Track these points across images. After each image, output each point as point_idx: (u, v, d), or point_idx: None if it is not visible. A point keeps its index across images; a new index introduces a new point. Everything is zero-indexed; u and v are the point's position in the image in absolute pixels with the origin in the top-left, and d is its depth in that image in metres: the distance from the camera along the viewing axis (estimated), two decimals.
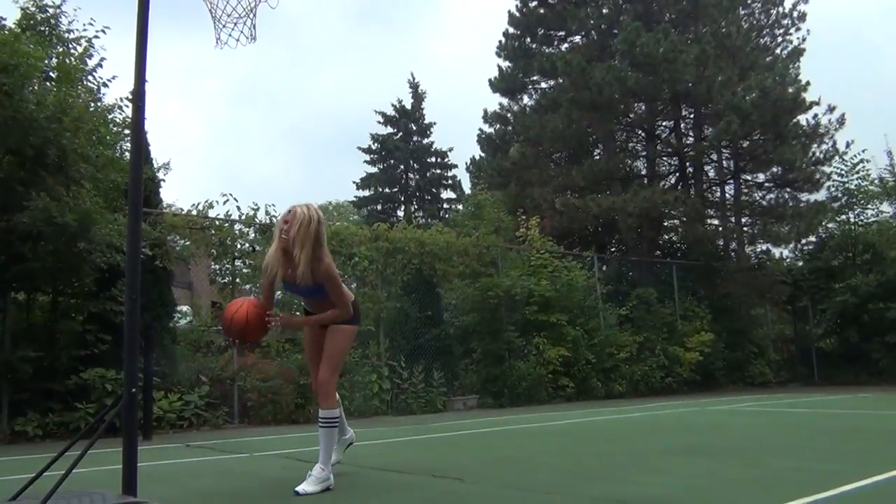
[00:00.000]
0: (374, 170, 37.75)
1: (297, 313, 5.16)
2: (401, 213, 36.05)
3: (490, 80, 22.30)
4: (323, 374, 4.50)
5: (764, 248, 20.93)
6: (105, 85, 10.11)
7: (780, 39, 21.64)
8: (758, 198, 21.09)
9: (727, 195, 21.74)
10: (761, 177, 20.83)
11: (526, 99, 22.69)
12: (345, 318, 4.57)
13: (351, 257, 12.18)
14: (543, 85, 21.98)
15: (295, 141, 75.67)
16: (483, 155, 23.88)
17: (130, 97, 8.71)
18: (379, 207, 37.21)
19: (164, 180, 11.07)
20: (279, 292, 5.04)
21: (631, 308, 16.71)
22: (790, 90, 18.68)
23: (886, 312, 17.73)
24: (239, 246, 11.59)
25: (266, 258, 4.63)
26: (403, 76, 60.66)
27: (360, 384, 11.64)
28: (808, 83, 19.11)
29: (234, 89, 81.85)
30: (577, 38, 21.51)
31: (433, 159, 38.06)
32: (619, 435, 7.97)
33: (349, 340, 4.72)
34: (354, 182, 37.47)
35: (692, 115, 21.26)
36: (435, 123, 38.29)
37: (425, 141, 38.06)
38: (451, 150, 37.93)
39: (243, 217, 11.60)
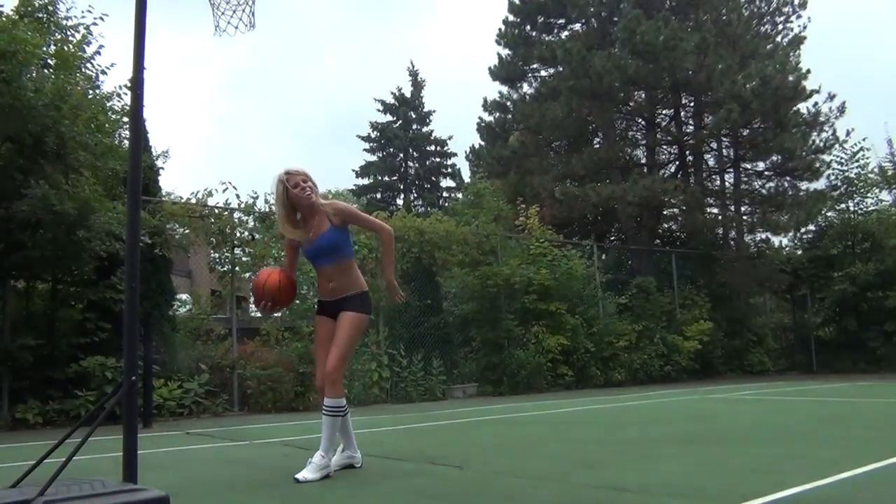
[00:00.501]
0: (373, 158, 37.75)
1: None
2: (400, 202, 36.08)
3: (490, 69, 22.23)
4: (332, 361, 4.43)
5: (763, 236, 20.98)
6: (103, 72, 10.10)
7: (780, 27, 21.54)
8: (757, 186, 21.07)
9: (727, 184, 21.71)
10: (761, 165, 20.80)
11: (525, 87, 22.63)
12: (388, 232, 4.77)
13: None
14: (543, 73, 21.90)
15: (294, 129, 75.50)
16: (482, 143, 23.83)
17: (129, 85, 8.70)
18: (378, 196, 37.23)
19: (163, 168, 11.08)
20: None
21: (630, 297, 16.74)
22: (790, 78, 18.63)
23: (885, 301, 17.77)
24: (238, 234, 11.58)
25: (283, 228, 4.70)
26: (403, 64, 60.30)
27: (359, 373, 11.66)
28: (808, 71, 19.08)
29: (233, 77, 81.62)
30: (577, 26, 21.42)
31: (432, 147, 38.03)
32: (617, 423, 7.99)
33: (361, 329, 4.65)
34: (353, 170, 37.55)
35: (692, 104, 21.20)
36: (434, 111, 38.31)
37: (425, 129, 38.03)
38: (450, 138, 37.96)
39: (242, 205, 11.58)
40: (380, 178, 37.69)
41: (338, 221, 4.57)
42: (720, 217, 20.99)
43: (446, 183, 38.31)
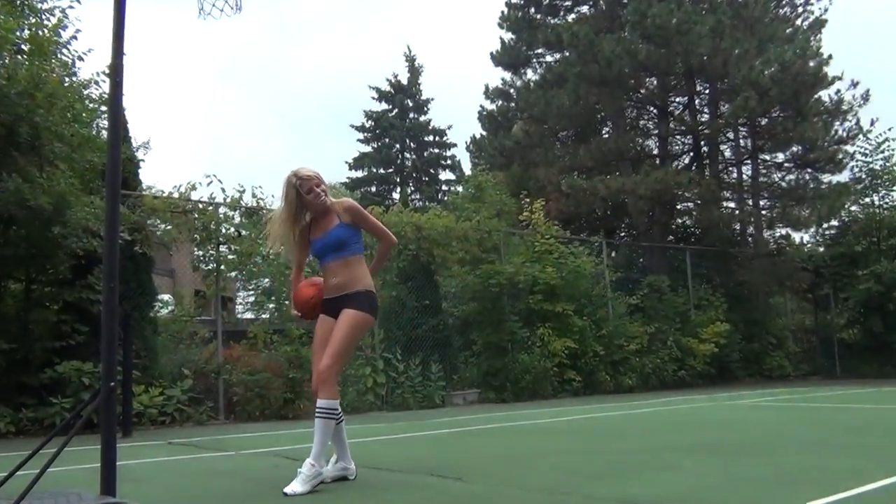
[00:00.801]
0: (367, 149, 37.74)
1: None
2: (396, 196, 36.07)
3: (492, 54, 22.23)
4: (326, 360, 4.42)
5: (783, 232, 20.99)
6: (80, 58, 10.05)
7: (800, 10, 21.57)
8: (777, 179, 21.11)
9: (744, 176, 21.75)
10: (780, 157, 20.84)
11: (530, 73, 22.64)
12: (391, 242, 5.03)
13: None
14: (549, 58, 21.91)
15: (283, 118, 75.54)
16: (484, 133, 23.84)
17: (107, 71, 8.67)
18: (373, 189, 37.23)
19: (143, 160, 11.06)
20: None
21: (642, 297, 16.73)
22: (811, 64, 18.62)
23: None
24: (224, 230, 11.58)
25: (293, 233, 4.78)
26: (399, 49, 60.35)
27: (353, 378, 11.66)
28: (830, 57, 19.07)
29: (218, 63, 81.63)
30: (585, 9, 21.44)
31: (431, 138, 38.02)
32: (628, 431, 8.00)
33: (362, 329, 4.66)
34: (347, 162, 37.52)
35: (707, 91, 21.22)
36: (433, 99, 38.35)
37: (422, 118, 38.01)
38: (450, 127, 37.94)
39: (228, 200, 11.58)
40: (375, 170, 37.66)
41: (347, 219, 4.67)
42: (737, 212, 21.00)
43: (445, 175, 38.33)
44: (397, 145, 37.87)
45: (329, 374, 4.43)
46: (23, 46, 9.38)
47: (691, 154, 21.74)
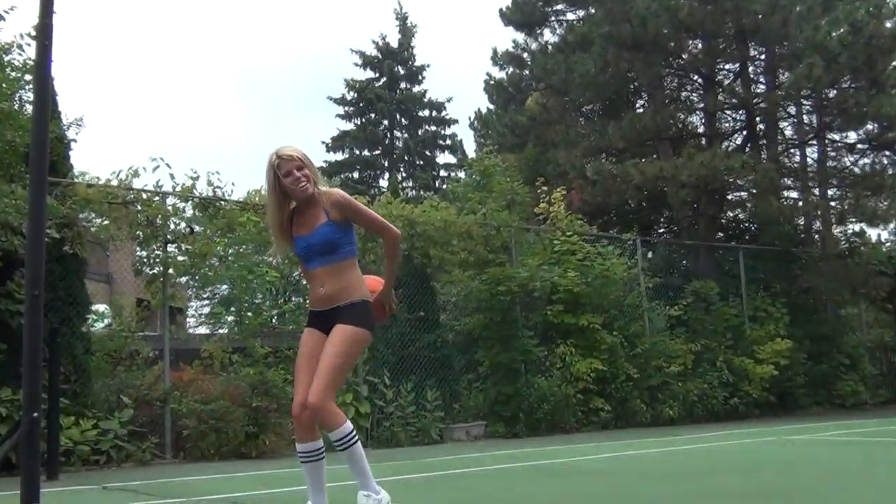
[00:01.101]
0: (349, 126, 37.81)
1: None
2: (384, 183, 36.12)
3: (501, 10, 22.24)
4: (315, 390, 4.35)
5: (856, 228, 20.96)
6: (1, 18, 10.05)
7: None
8: (848, 163, 21.11)
9: (809, 160, 21.73)
10: (852, 136, 20.84)
11: (548, 34, 22.66)
12: (395, 236, 5.17)
13: None
14: (570, 16, 21.96)
15: (247, 90, 75.56)
16: (491, 107, 23.89)
17: (34, 33, 8.64)
18: (356, 175, 37.31)
19: (75, 141, 11.04)
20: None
21: (685, 307, 16.71)
22: (888, 25, 18.59)
23: None
24: (172, 226, 11.56)
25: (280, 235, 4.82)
26: (388, 5, 60.35)
27: None
28: None
29: (169, 23, 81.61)
30: None
31: (426, 113, 38.12)
32: (668, 473, 7.99)
33: (357, 347, 4.65)
34: (324, 142, 37.61)
35: (763, 57, 21.23)
36: (429, 66, 38.37)
37: (416, 89, 38.13)
38: (449, 100, 38.04)
39: (178, 189, 11.56)
40: (357, 152, 37.74)
41: (336, 215, 4.63)
42: (801, 203, 21.00)
43: (444, 159, 38.49)
44: (385, 122, 37.95)
45: (321, 405, 4.38)
46: None
47: (744, 133, 21.73)
